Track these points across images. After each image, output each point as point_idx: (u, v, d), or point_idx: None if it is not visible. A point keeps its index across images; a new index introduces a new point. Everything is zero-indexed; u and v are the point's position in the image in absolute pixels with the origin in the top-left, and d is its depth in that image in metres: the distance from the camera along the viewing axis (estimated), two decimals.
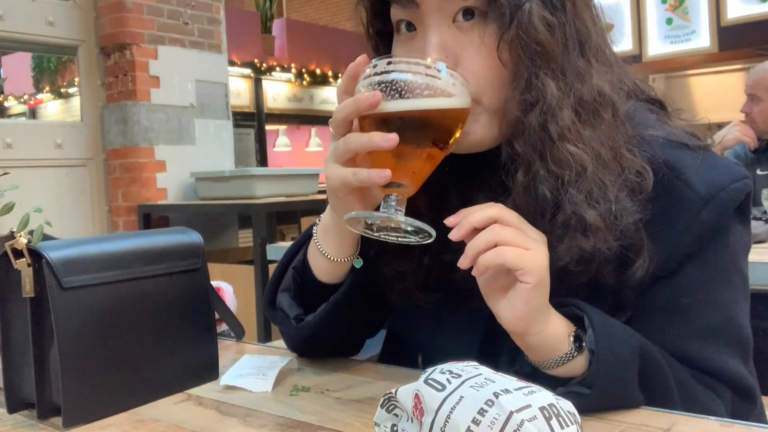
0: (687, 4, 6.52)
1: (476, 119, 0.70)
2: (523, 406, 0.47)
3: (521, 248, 0.63)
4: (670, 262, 0.72)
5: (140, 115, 3.51)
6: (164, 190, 3.64)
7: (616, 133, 0.71)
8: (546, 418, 0.47)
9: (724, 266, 0.74)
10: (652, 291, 0.73)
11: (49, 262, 0.72)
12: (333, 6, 9.89)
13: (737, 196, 0.73)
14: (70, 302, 0.72)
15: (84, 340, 0.73)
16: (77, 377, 0.73)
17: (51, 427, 0.73)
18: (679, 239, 0.72)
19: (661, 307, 0.73)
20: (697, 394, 0.71)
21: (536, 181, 0.69)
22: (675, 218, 0.72)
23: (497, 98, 0.70)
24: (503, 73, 0.70)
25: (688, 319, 0.73)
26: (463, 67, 0.69)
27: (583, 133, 0.69)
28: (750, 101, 2.80)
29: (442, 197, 0.78)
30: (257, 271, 3.14)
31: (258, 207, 3.21)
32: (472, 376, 0.51)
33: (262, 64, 7.43)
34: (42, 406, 0.75)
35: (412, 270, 0.80)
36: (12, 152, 3.27)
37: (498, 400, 0.47)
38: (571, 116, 0.69)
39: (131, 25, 3.50)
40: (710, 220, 0.71)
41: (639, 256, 0.71)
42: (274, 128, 7.98)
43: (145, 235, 0.85)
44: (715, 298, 0.73)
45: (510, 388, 0.49)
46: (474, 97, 0.69)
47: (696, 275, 0.73)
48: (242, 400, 0.78)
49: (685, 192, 0.71)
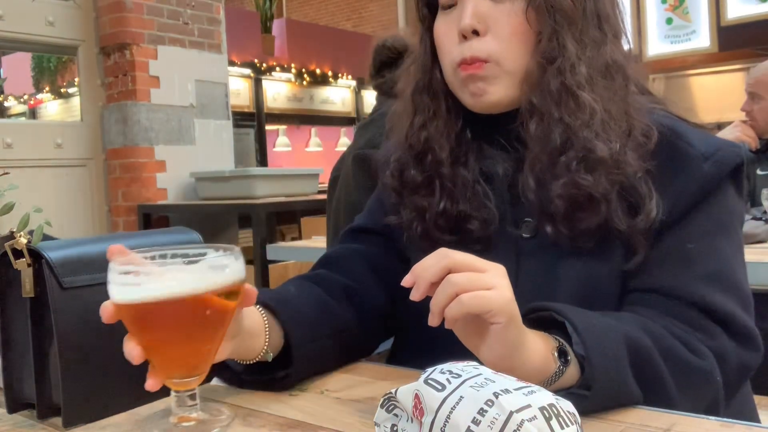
0: (687, 4, 6.52)
1: (498, 81, 0.82)
2: (523, 406, 0.47)
3: (483, 290, 0.62)
4: (675, 210, 0.78)
5: (140, 115, 3.52)
6: (164, 190, 3.64)
7: (626, 95, 0.81)
8: (546, 418, 0.47)
9: (724, 222, 0.80)
10: (661, 238, 0.78)
11: (48, 262, 0.72)
12: (333, 6, 9.89)
13: (734, 157, 0.79)
14: (69, 302, 0.72)
15: (84, 340, 0.73)
16: (77, 377, 0.72)
17: (51, 427, 0.73)
18: (683, 188, 0.78)
19: (668, 253, 0.78)
20: (685, 357, 0.72)
21: (550, 128, 0.78)
22: (679, 170, 0.79)
23: (518, 62, 0.81)
24: (527, 39, 0.81)
25: (693, 264, 0.77)
26: (492, 33, 0.81)
27: (596, 87, 0.79)
28: (750, 99, 2.80)
29: (461, 154, 0.88)
30: (257, 271, 3.14)
31: (258, 207, 3.21)
32: (472, 376, 0.51)
33: (262, 64, 7.43)
34: (42, 406, 0.74)
35: (431, 210, 0.87)
36: (12, 152, 3.27)
37: (498, 400, 0.47)
38: (586, 72, 0.79)
39: (131, 25, 3.50)
40: (712, 174, 0.78)
41: (645, 204, 0.76)
42: (274, 128, 7.98)
43: (145, 236, 0.85)
44: (716, 248, 0.78)
45: (510, 388, 0.49)
46: (497, 60, 0.81)
47: (699, 224, 0.78)
48: (242, 400, 0.78)
49: (687, 149, 0.79)
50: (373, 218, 1.01)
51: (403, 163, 0.91)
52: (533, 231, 0.83)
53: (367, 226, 1.01)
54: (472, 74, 0.82)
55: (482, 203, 0.85)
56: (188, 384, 0.65)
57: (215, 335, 0.65)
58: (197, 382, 0.66)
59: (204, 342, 0.64)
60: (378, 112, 2.23)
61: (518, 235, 0.84)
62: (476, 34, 0.81)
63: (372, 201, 1.04)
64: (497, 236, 0.85)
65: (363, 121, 2.42)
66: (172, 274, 0.60)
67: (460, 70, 0.83)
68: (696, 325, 0.75)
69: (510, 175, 0.85)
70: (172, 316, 0.61)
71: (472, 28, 0.81)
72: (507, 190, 0.85)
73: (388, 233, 0.97)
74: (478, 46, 0.81)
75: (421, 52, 0.92)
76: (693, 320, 0.75)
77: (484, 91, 0.82)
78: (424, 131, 0.89)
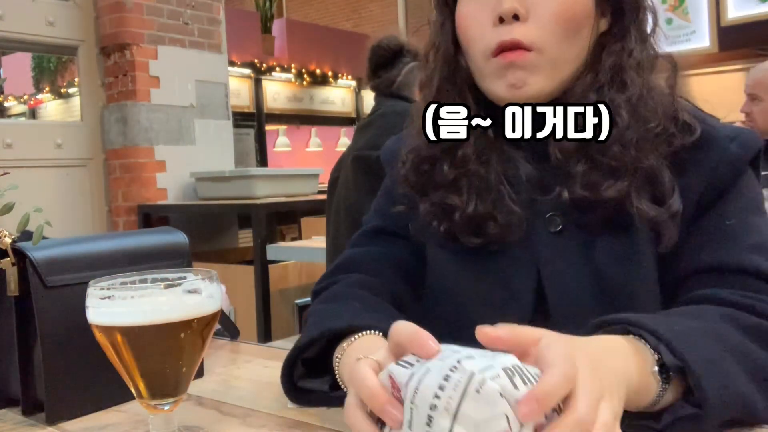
0: (687, 4, 6.52)
1: (539, 71, 0.77)
2: (486, 366, 0.46)
3: None
4: (709, 192, 0.77)
5: (140, 115, 3.51)
6: (164, 190, 3.64)
7: (674, 85, 0.80)
8: (509, 376, 0.46)
9: (756, 200, 0.79)
10: (699, 221, 0.77)
11: (32, 261, 0.72)
12: (333, 6, 9.89)
13: (755, 142, 0.79)
14: (53, 301, 0.73)
15: (67, 339, 0.74)
16: (60, 375, 0.74)
17: (51, 427, 0.73)
18: (715, 169, 0.77)
19: (711, 232, 0.77)
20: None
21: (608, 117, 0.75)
22: (707, 151, 0.77)
23: (560, 50, 0.77)
24: (570, 26, 0.76)
25: (737, 238, 0.76)
26: (534, 17, 0.76)
27: (646, 73, 0.78)
28: (750, 101, 2.80)
29: (486, 151, 0.82)
30: (257, 271, 3.14)
31: (258, 207, 3.21)
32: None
33: (262, 64, 7.43)
34: (27, 403, 0.76)
35: (460, 207, 0.82)
36: (12, 152, 3.27)
37: (461, 364, 0.47)
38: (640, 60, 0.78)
39: (131, 25, 3.50)
40: (739, 153, 0.77)
41: (668, 197, 0.75)
42: (274, 128, 7.98)
43: (131, 235, 0.85)
44: (753, 224, 0.77)
45: (475, 354, 0.48)
46: (540, 48, 0.76)
47: (736, 204, 0.77)
48: (242, 400, 0.78)
49: (712, 132, 0.78)
50: (384, 218, 0.95)
51: (424, 157, 0.85)
52: (559, 225, 0.80)
53: (385, 227, 0.94)
54: (512, 62, 0.76)
55: (506, 205, 0.81)
56: (163, 407, 0.65)
57: (191, 358, 0.65)
58: (174, 406, 0.66)
59: (179, 364, 0.65)
60: (377, 113, 2.22)
61: (541, 234, 0.81)
62: (516, 19, 0.76)
63: (380, 201, 0.98)
64: (523, 237, 0.81)
65: (362, 122, 2.42)
66: (147, 299, 0.61)
67: (499, 58, 0.77)
68: (761, 291, 0.71)
69: (534, 172, 0.81)
70: (147, 341, 0.62)
71: (514, 12, 0.75)
72: (530, 189, 0.81)
73: (404, 234, 0.92)
74: (521, 31, 0.76)
75: (442, 40, 0.85)
76: (756, 288, 0.72)
77: (524, 82, 0.76)
78: None
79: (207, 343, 0.66)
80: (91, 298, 0.62)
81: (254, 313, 3.07)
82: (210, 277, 0.65)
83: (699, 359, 0.59)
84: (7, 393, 0.78)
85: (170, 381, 0.64)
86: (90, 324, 0.63)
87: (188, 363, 0.65)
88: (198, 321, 0.63)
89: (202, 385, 0.85)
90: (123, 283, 0.66)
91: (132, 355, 0.62)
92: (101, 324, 0.62)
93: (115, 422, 0.73)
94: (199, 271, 0.66)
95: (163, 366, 0.63)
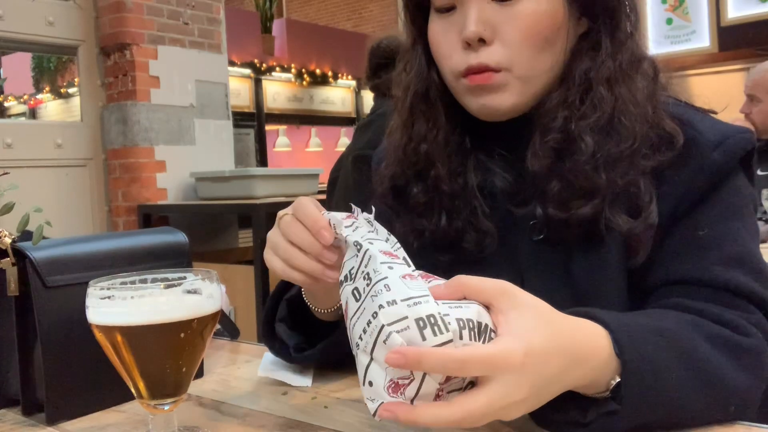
0: (687, 4, 6.52)
1: (509, 88, 0.77)
2: (399, 318, 0.51)
3: None
4: (684, 202, 0.75)
5: (140, 115, 3.51)
6: (164, 190, 3.63)
7: (654, 92, 0.78)
8: (420, 328, 0.50)
9: (736, 206, 0.77)
10: (671, 231, 0.76)
11: (32, 261, 0.72)
12: (333, 6, 9.89)
13: (744, 144, 0.76)
14: (53, 301, 0.73)
15: (67, 339, 0.74)
16: (60, 375, 0.74)
17: (51, 427, 0.73)
18: (692, 179, 0.75)
19: (681, 243, 0.75)
20: (735, 339, 0.67)
21: (564, 124, 0.75)
22: (687, 159, 0.75)
23: (530, 66, 0.77)
24: (536, 44, 0.76)
25: (708, 250, 0.74)
26: (500, 39, 0.76)
27: (619, 86, 0.76)
28: (749, 101, 2.80)
29: (459, 166, 0.83)
30: (257, 271, 3.14)
31: (258, 207, 3.21)
32: (379, 279, 0.54)
33: (262, 64, 7.43)
34: (27, 403, 0.76)
35: (430, 229, 0.84)
36: (12, 152, 3.27)
37: (380, 312, 0.51)
38: (613, 69, 0.76)
39: (131, 25, 3.50)
40: (721, 162, 0.75)
41: (645, 208, 0.74)
42: (274, 128, 7.98)
43: (131, 236, 0.85)
44: (731, 231, 0.75)
45: (398, 298, 0.52)
46: (508, 66, 0.76)
47: (711, 212, 0.75)
48: (242, 400, 0.78)
49: (696, 137, 0.76)
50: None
51: (398, 178, 0.87)
52: (541, 234, 0.79)
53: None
54: (480, 85, 0.77)
55: (479, 219, 0.82)
56: (163, 407, 0.65)
57: (191, 358, 0.65)
58: (174, 406, 0.66)
59: (179, 365, 0.65)
60: (376, 112, 2.23)
61: (520, 242, 0.81)
62: (482, 42, 0.75)
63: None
64: (497, 250, 0.82)
65: (362, 122, 2.42)
66: (147, 299, 0.61)
67: (467, 80, 0.77)
68: (730, 305, 0.71)
69: (510, 183, 0.82)
70: (146, 341, 0.62)
71: (479, 36, 0.75)
72: (507, 199, 0.82)
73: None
74: (487, 55, 0.76)
75: (414, 57, 0.86)
76: (725, 302, 0.71)
77: (495, 101, 0.77)
78: (424, 144, 0.84)
79: (207, 343, 0.66)
80: (91, 298, 0.62)
81: (254, 313, 3.07)
82: (210, 277, 0.65)
83: (636, 357, 0.60)
84: (7, 393, 0.78)
85: (170, 381, 0.64)
86: (90, 324, 0.63)
87: (188, 363, 0.65)
88: (198, 321, 0.63)
89: (202, 385, 0.85)
90: (123, 283, 0.66)
91: (132, 355, 0.62)
92: (101, 324, 0.62)
93: (115, 422, 0.73)
94: (199, 271, 0.66)
95: (163, 366, 0.63)
